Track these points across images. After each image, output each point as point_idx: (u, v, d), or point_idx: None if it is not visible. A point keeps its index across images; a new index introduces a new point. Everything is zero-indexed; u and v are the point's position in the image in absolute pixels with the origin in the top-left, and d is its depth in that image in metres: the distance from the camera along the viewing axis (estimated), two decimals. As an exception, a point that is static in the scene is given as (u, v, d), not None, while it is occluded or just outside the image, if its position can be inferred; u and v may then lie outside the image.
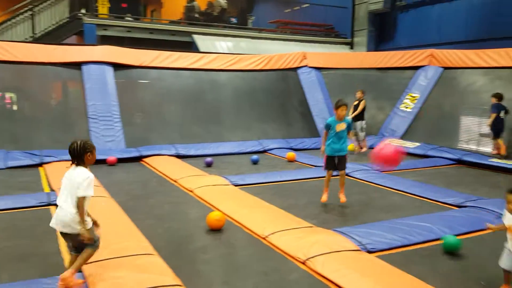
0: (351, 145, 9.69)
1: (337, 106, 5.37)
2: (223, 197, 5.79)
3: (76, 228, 3.04)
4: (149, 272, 3.33)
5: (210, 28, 14.52)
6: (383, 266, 3.59)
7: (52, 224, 3.13)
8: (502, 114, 8.68)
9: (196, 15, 15.45)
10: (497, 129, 8.68)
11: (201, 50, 13.17)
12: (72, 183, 3.05)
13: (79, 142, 3.11)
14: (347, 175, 7.31)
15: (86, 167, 3.15)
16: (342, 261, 3.64)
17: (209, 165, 8.18)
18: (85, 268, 3.38)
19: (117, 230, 4.30)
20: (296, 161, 8.79)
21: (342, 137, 5.44)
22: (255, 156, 8.68)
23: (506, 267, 3.22)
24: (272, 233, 4.34)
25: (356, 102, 9.80)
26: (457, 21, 13.01)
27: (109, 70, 10.19)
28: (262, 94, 11.50)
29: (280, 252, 4.05)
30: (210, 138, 10.03)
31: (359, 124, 9.63)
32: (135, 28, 13.72)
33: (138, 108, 10.31)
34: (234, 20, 15.94)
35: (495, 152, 8.69)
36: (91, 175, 3.11)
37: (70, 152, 3.12)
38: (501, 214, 4.97)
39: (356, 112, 9.73)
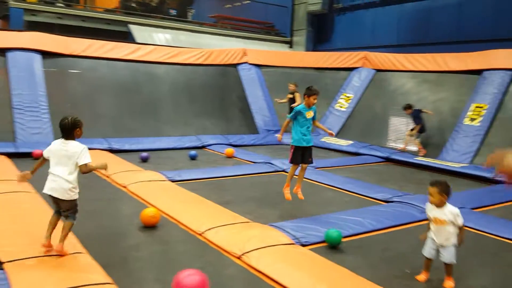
0: None
1: (310, 94, 5.11)
2: (159, 193, 5.65)
3: (70, 195, 3.47)
4: (78, 271, 3.17)
5: (147, 19, 14.10)
6: (316, 259, 3.70)
7: (46, 190, 3.50)
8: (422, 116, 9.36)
9: (133, 5, 14.93)
10: (422, 130, 9.32)
11: (138, 41, 12.76)
12: (70, 155, 3.45)
13: (69, 118, 3.51)
14: (283, 171, 7.48)
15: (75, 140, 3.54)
16: (276, 255, 3.70)
17: (145, 160, 7.94)
18: (7, 266, 3.15)
19: (43, 227, 4.03)
20: (234, 157, 8.80)
21: (309, 126, 5.19)
22: (193, 152, 8.57)
23: (428, 254, 3.46)
24: (208, 229, 4.30)
25: (291, 96, 9.65)
26: (389, 26, 13.72)
27: (37, 58, 9.55)
28: (201, 89, 11.38)
29: (216, 247, 4.02)
30: (146, 132, 9.75)
31: None
32: (66, 15, 12.98)
33: (68, 99, 9.75)
34: (173, 12, 15.61)
35: (422, 154, 9.25)
36: (85, 146, 3.52)
37: (62, 126, 3.49)
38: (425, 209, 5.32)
39: (295, 105, 9.53)
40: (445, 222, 3.35)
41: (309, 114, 5.19)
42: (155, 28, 13.90)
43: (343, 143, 10.23)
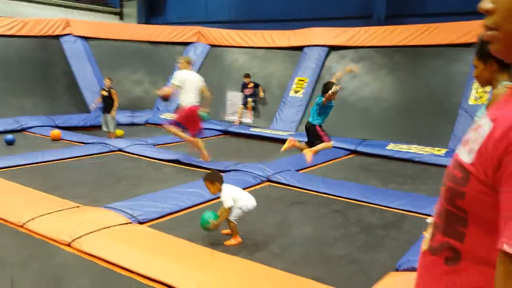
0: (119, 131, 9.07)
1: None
2: (-36, 185, 4.76)
3: None
4: None
5: None
6: (155, 234, 3.62)
7: None
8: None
9: None
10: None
11: None
12: None
13: None
14: (119, 150, 7.12)
15: None
16: (111, 237, 3.49)
17: None
18: None
19: None
20: (62, 139, 7.97)
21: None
22: (9, 136, 7.45)
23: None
24: (31, 219, 3.80)
25: (105, 93, 8.37)
26: (221, 2, 13.99)
27: None
28: (16, 63, 9.89)
29: (42, 237, 3.59)
30: None
31: (110, 116, 8.37)
32: None
33: None
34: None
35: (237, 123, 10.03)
36: None
37: None
38: (259, 175, 5.68)
39: (114, 106, 8.40)
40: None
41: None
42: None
43: (181, 118, 10.20)
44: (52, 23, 10.85)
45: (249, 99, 10.08)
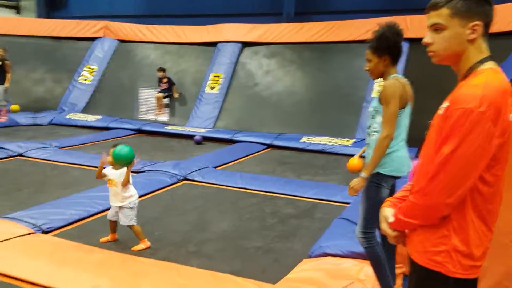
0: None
1: None
2: None
3: None
4: None
5: None
6: (60, 243, 3.38)
7: None
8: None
9: None
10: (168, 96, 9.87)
11: None
12: None
13: None
14: (21, 155, 6.55)
15: None
16: (11, 249, 3.19)
17: None
18: None
19: None
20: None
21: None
22: None
23: (109, 217, 3.61)
24: None
25: None
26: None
27: None
28: None
29: None
30: None
31: (2, 88, 8.11)
32: None
33: None
34: None
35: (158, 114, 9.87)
36: None
37: None
38: (176, 174, 5.57)
39: (8, 77, 8.24)
40: (115, 182, 3.48)
41: None
42: None
43: (90, 118, 9.65)
44: None
45: (160, 95, 9.83)
